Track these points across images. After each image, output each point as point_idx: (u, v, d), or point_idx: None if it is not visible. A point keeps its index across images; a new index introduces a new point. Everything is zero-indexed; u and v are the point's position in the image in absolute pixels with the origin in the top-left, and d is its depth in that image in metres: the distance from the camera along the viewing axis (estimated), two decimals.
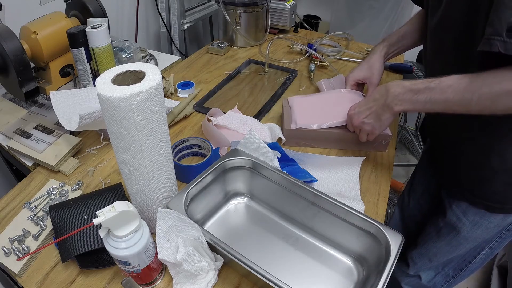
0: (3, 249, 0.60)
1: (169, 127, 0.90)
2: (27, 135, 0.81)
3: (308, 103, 0.88)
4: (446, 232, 0.80)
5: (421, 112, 0.68)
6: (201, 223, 0.67)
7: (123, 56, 1.02)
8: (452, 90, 0.55)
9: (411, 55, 1.69)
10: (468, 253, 0.82)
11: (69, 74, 0.99)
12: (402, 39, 0.86)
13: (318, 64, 1.17)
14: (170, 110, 0.90)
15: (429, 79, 0.59)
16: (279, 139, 0.85)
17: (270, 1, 1.31)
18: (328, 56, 1.24)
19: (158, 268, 0.56)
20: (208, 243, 0.55)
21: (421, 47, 0.88)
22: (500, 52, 0.48)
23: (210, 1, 1.74)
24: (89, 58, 0.91)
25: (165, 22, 1.51)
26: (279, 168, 0.67)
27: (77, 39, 0.87)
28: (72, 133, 0.83)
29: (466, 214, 0.74)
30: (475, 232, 0.75)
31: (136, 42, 1.46)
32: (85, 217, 0.61)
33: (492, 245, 0.78)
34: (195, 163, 0.77)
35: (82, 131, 0.87)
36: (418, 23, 0.83)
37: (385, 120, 0.69)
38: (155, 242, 0.53)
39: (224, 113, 0.91)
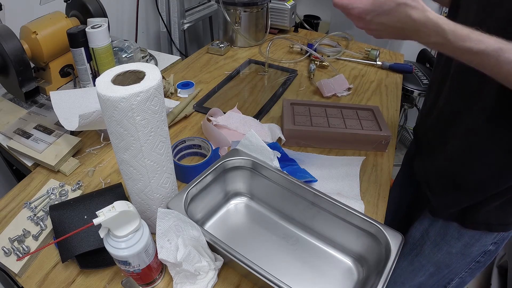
0: (3, 249, 0.60)
1: (169, 127, 0.90)
2: (27, 135, 0.81)
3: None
4: (407, 251, 0.80)
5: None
6: (201, 223, 0.67)
7: (123, 56, 1.02)
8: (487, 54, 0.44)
9: (411, 55, 1.69)
10: (436, 283, 0.79)
11: (69, 74, 0.99)
12: None
13: (318, 64, 1.17)
14: (170, 110, 0.90)
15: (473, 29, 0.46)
16: (279, 139, 0.85)
17: (270, 1, 1.31)
18: (328, 56, 1.24)
19: (158, 268, 0.56)
20: (208, 243, 0.55)
21: (421, 47, 0.87)
22: None
23: (210, 1, 1.74)
24: (89, 58, 0.91)
25: (165, 22, 1.51)
26: (279, 168, 0.67)
27: (77, 39, 0.87)
28: (72, 133, 0.83)
29: (428, 232, 0.74)
30: (436, 255, 0.74)
31: (136, 42, 1.46)
32: (85, 217, 0.61)
33: (462, 275, 0.76)
34: (195, 163, 0.77)
35: (82, 131, 0.87)
36: None
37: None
38: (155, 242, 0.53)
39: (224, 113, 0.91)
